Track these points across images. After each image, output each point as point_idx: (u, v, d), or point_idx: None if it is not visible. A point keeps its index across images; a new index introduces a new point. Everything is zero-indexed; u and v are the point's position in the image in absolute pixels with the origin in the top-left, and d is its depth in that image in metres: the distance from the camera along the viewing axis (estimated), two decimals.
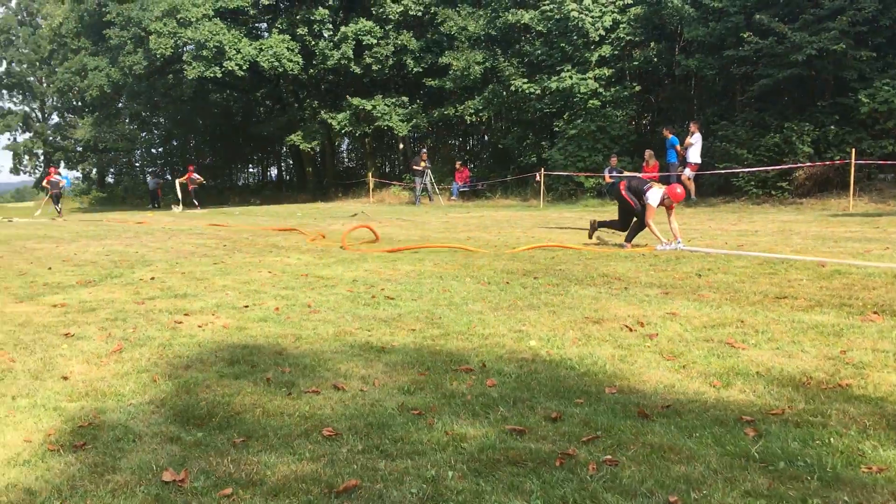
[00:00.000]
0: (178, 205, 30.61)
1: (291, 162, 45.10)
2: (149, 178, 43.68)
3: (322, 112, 31.60)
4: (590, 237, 10.90)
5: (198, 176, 32.74)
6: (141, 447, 3.33)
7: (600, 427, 3.39)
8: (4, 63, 57.26)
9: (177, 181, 32.54)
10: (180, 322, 5.92)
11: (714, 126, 20.52)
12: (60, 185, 31.08)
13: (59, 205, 30.45)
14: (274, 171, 50.56)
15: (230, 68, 28.61)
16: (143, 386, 4.25)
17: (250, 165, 52.06)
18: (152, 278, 8.37)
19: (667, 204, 9.87)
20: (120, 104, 44.14)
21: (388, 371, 4.37)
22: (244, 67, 29.14)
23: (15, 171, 60.59)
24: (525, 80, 24.61)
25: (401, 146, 33.95)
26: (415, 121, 29.71)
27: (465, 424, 3.48)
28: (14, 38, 56.65)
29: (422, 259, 9.39)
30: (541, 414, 3.59)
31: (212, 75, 29.01)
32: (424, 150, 27.82)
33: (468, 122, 28.50)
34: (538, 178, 23.01)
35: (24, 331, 5.80)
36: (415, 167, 26.72)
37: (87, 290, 7.75)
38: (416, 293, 6.91)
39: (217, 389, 4.11)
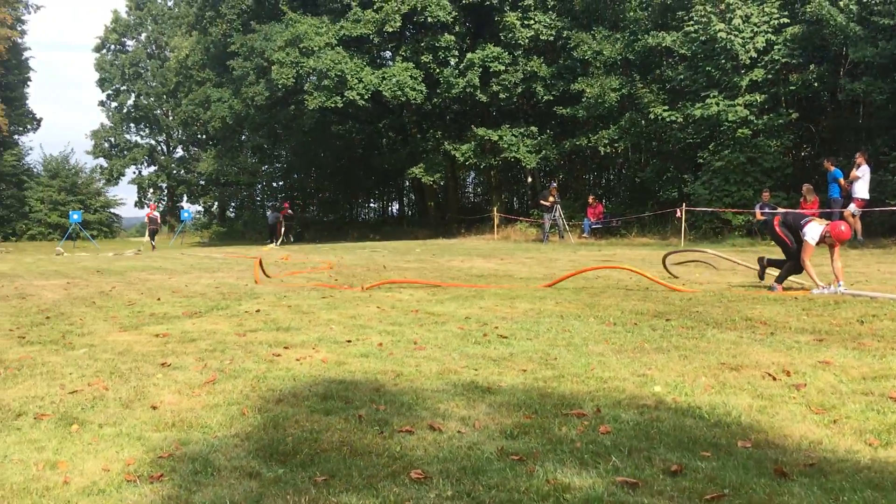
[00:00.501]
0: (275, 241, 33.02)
1: (413, 196, 45.91)
2: (268, 213, 45.40)
3: (446, 143, 32.01)
4: (760, 278, 10.39)
5: (290, 212, 35.55)
6: (218, 481, 3.35)
7: (728, 484, 3.15)
8: (133, 96, 61.45)
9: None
10: (278, 355, 6.03)
11: (885, 157, 19.42)
12: (158, 221, 34.26)
13: (154, 240, 33.37)
14: (395, 206, 51.70)
15: (352, 98, 29.49)
16: (230, 418, 4.31)
17: (371, 200, 53.41)
18: (257, 311, 8.61)
19: (829, 242, 9.31)
20: (242, 137, 46.41)
21: (491, 412, 4.26)
22: (366, 97, 29.97)
23: (139, 204, 64.51)
24: (666, 107, 24.16)
25: (529, 179, 33.93)
26: (544, 152, 29.62)
27: (570, 473, 3.31)
28: (143, 71, 60.84)
29: (543, 297, 9.26)
30: (659, 466, 3.38)
31: (333, 105, 29.98)
32: (554, 185, 27.61)
33: (602, 153, 28.19)
34: (679, 214, 22.41)
35: (122, 359, 6.05)
36: (543, 202, 26.56)
37: (191, 321, 8.06)
38: (533, 332, 6.79)
39: (306, 425, 4.11)
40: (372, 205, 53.92)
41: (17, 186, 53.66)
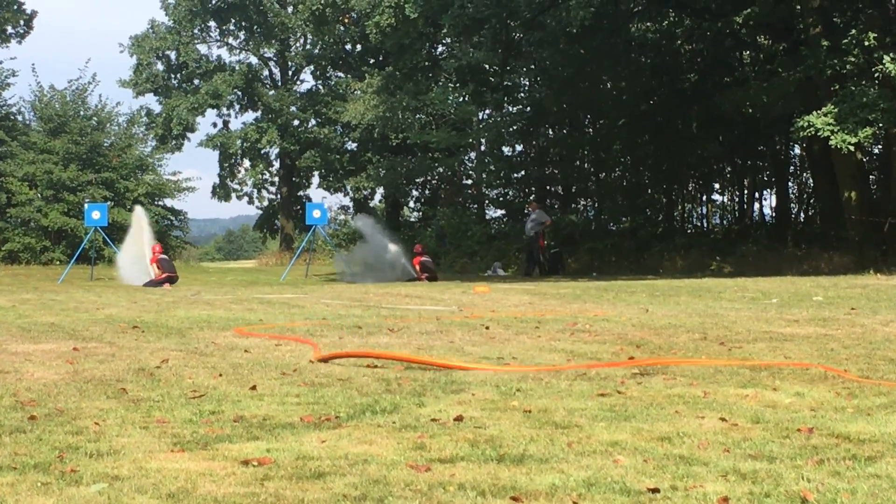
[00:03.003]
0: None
1: (810, 179, 45.30)
2: (530, 217, 45.14)
3: (886, 58, 31.23)
4: None
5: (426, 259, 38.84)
6: None
7: None
8: None
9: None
10: None
11: None
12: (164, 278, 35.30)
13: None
14: (770, 202, 51.28)
15: None
16: None
17: (714, 186, 53.08)
18: (458, 418, 8.70)
19: None
20: (437, 48, 47.42)
21: None
22: None
23: (222, 192, 67.13)
24: None
25: None
26: None
27: None
28: None
29: None
30: None
31: None
32: None
33: None
34: None
35: None
36: None
37: (318, 434, 8.24)
38: None
39: None
40: (717, 198, 53.72)
41: None
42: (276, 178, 66.56)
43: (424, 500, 6.31)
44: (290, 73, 66.47)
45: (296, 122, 63.31)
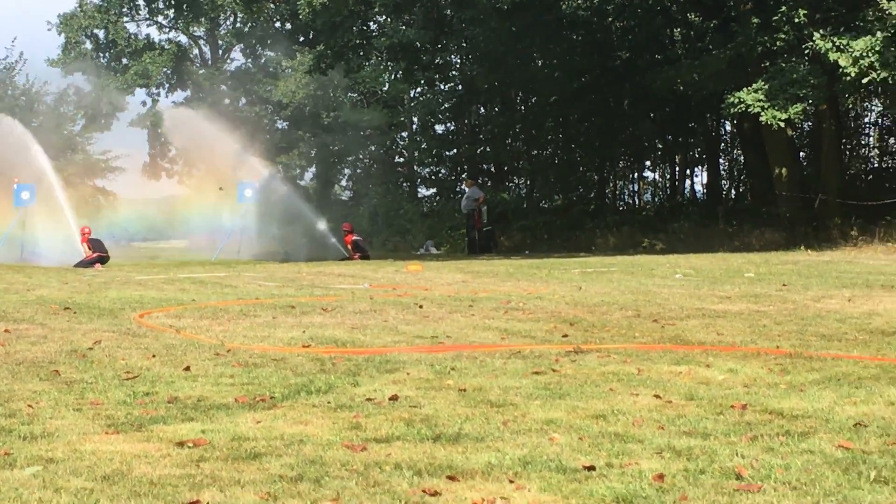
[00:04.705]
0: None
1: (741, 156, 45.38)
2: (465, 193, 45.06)
3: (816, 35, 31.34)
4: None
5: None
6: None
7: None
8: None
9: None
10: (436, 494, 6.04)
11: None
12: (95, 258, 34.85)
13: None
14: (701, 179, 51.37)
15: None
16: None
17: (645, 163, 53.16)
18: (394, 398, 8.71)
19: None
20: (369, 24, 47.25)
21: None
22: None
23: (151, 171, 66.84)
24: None
25: None
26: None
27: None
28: None
29: None
30: None
31: None
32: None
33: None
34: None
35: (109, 491, 6.22)
36: None
37: (253, 414, 8.22)
38: None
39: None
40: (648, 176, 53.78)
41: None
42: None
43: (361, 480, 6.30)
44: (220, 51, 66.10)
45: (227, 103, 62.86)
